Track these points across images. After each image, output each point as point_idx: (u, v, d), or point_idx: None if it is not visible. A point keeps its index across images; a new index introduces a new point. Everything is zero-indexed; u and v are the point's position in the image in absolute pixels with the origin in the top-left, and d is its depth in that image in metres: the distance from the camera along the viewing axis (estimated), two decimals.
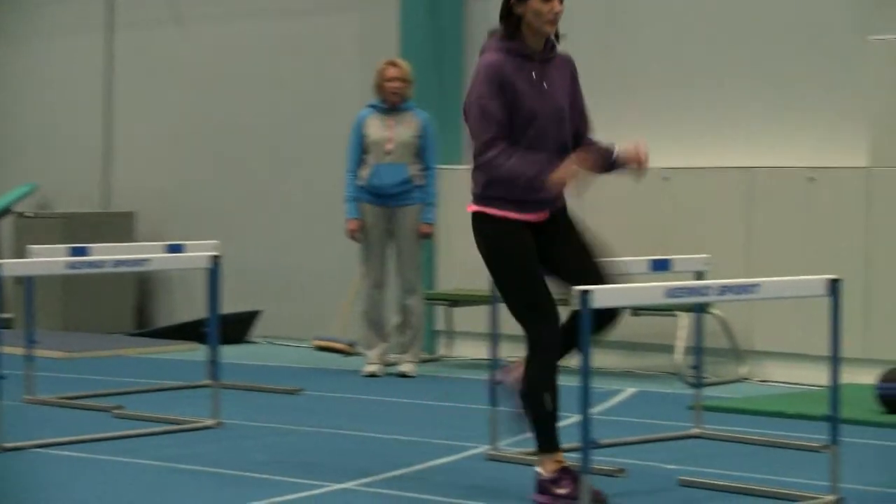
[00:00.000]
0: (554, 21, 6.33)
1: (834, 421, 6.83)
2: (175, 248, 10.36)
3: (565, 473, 6.31)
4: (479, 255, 7.62)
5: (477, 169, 6.37)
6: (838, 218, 11.00)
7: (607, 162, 6.50)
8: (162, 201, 15.24)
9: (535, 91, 6.37)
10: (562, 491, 6.27)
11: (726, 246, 10.98)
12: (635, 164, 6.47)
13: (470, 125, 6.42)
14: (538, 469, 6.41)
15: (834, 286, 6.74)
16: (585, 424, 6.11)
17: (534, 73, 6.40)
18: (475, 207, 6.45)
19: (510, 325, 8.12)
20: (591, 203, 9.97)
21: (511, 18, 6.35)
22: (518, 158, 6.22)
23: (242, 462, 7.84)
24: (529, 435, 6.55)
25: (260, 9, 14.67)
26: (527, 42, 6.35)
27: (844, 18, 11.50)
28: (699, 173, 11.68)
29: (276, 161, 14.44)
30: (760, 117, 11.75)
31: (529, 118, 6.37)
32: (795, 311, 9.64)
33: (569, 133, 6.51)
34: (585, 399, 6.08)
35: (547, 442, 6.42)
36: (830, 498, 6.85)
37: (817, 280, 6.73)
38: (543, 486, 6.36)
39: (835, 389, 6.81)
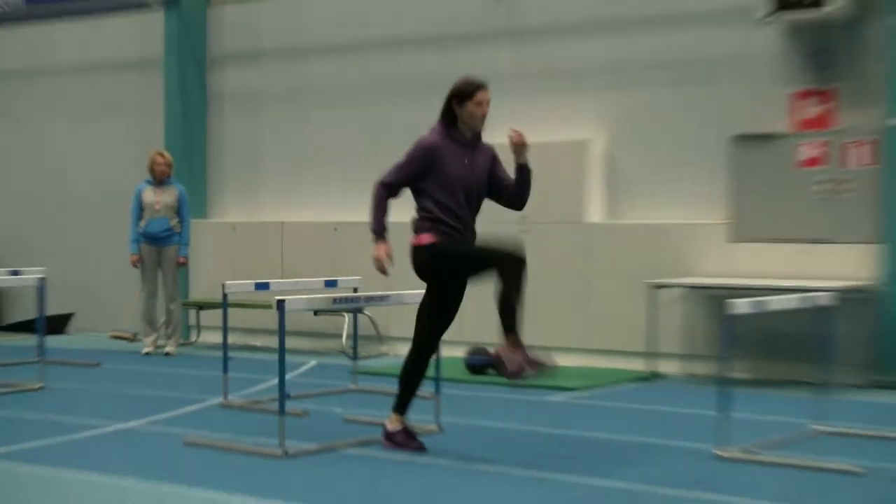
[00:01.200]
0: (482, 120, 7.63)
1: (437, 379, 8.66)
2: (15, 272, 12.68)
3: (405, 430, 7.90)
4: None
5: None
6: None
7: (521, 175, 7.77)
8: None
9: (461, 166, 7.56)
10: (400, 439, 7.85)
11: (374, 271, 11.02)
12: (519, 146, 7.66)
13: (394, 164, 7.70)
14: (386, 423, 7.92)
15: None
16: (282, 384, 7.83)
17: (465, 158, 7.60)
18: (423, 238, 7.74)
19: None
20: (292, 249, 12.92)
21: (450, 115, 7.56)
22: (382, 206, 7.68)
23: (62, 406, 9.64)
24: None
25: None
26: (462, 132, 7.61)
27: None
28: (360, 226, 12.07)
29: (87, 206, 16.47)
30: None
31: (453, 184, 7.52)
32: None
33: (482, 197, 7.78)
34: (282, 368, 7.82)
35: (401, 406, 7.88)
36: (434, 427, 8.53)
37: (418, 293, 8.13)
38: (389, 435, 7.89)
39: (438, 361, 8.60)
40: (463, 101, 7.47)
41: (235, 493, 6.67)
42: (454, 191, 7.46)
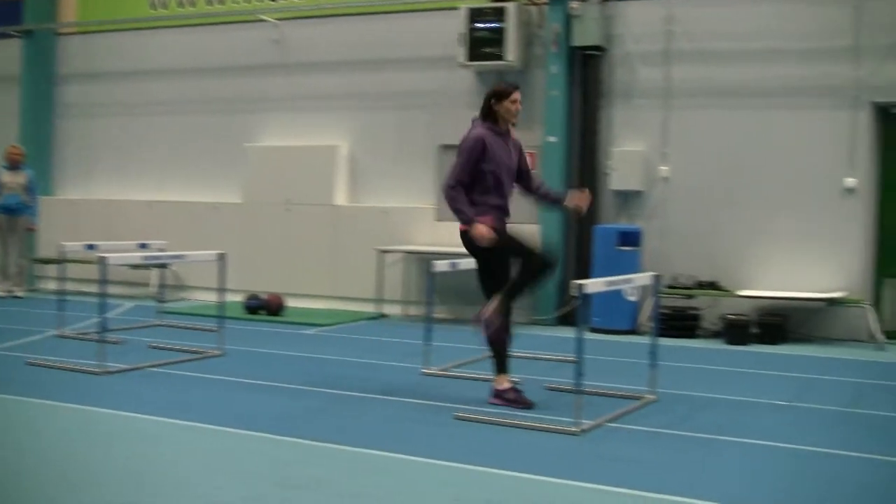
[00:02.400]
0: (516, 115, 6.85)
1: (221, 317, 8.69)
2: None
3: (513, 388, 6.71)
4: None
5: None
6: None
7: (554, 201, 7.04)
8: None
9: (505, 153, 6.79)
10: (510, 396, 6.65)
11: (179, 235, 12.43)
12: (580, 210, 7.04)
13: (454, 167, 6.69)
14: (494, 384, 6.72)
15: (221, 256, 8.56)
16: (103, 320, 7.93)
17: (506, 146, 6.81)
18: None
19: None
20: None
21: (489, 112, 6.79)
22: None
23: None
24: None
25: None
26: (500, 125, 6.81)
27: None
28: (170, 204, 13.81)
29: None
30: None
31: (500, 168, 6.73)
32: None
33: (514, 181, 6.89)
34: (103, 308, 7.88)
35: (501, 365, 6.72)
36: (218, 351, 8.58)
37: (211, 252, 8.58)
38: (498, 393, 6.68)
39: (223, 304, 8.84)
40: (501, 99, 6.82)
41: (67, 402, 6.49)
42: (501, 174, 6.76)
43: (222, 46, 14.02)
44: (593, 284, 6.27)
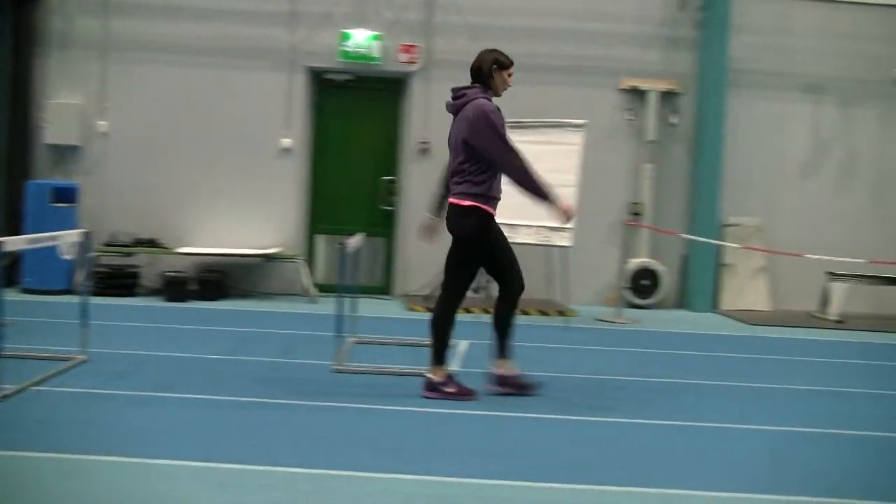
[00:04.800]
0: (504, 90, 6.27)
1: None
2: None
3: (451, 379, 6.20)
4: None
5: (485, 173, 6.00)
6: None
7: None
8: None
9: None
10: (450, 389, 6.13)
11: None
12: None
13: (488, 146, 5.99)
14: (430, 375, 6.18)
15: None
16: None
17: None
18: (472, 203, 6.03)
19: None
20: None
21: (488, 82, 6.10)
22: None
23: None
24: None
25: None
26: (495, 95, 6.17)
27: None
28: None
29: None
30: None
31: None
32: None
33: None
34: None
35: (438, 357, 6.17)
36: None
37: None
38: (433, 386, 6.16)
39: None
40: (501, 69, 6.18)
41: None
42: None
43: None
44: (14, 241, 5.92)
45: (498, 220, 6.22)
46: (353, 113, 11.69)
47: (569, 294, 10.85)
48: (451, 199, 6.12)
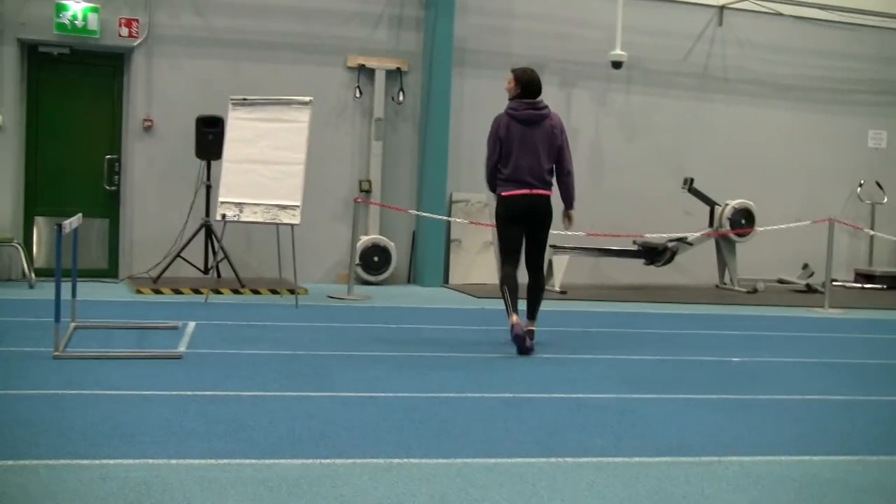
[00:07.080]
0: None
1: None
2: None
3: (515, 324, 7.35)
4: None
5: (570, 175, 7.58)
6: None
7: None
8: None
9: None
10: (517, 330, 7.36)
11: None
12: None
13: (570, 153, 7.64)
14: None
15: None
16: None
17: None
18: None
19: None
20: None
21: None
22: None
23: None
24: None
25: None
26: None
27: None
28: None
29: None
30: None
31: None
32: None
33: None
34: None
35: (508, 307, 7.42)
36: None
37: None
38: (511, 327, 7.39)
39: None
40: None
41: None
42: None
43: None
44: None
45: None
46: (71, 89, 11.30)
47: (299, 272, 10.93)
48: (544, 191, 7.50)
